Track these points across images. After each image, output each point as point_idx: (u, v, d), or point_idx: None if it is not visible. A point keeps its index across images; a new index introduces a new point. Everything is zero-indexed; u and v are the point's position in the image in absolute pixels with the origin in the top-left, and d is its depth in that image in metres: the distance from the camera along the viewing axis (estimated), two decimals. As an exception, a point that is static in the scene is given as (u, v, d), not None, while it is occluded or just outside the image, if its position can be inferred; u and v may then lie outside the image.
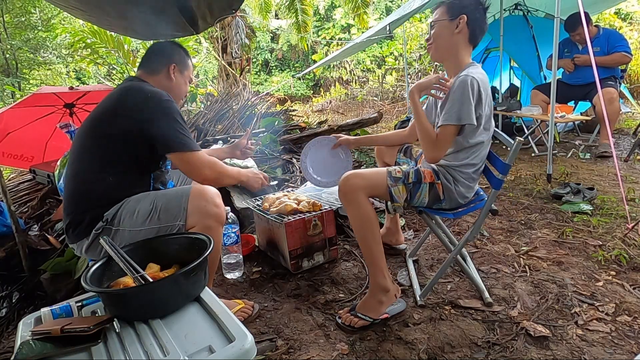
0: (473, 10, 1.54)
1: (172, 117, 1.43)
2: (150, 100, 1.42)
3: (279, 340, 1.49)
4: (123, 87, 1.51)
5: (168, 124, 1.42)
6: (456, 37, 1.56)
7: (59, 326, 0.92)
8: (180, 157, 1.45)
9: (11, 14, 10.50)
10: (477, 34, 1.57)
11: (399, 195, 1.54)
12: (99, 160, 1.44)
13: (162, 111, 1.43)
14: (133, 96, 1.45)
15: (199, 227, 1.36)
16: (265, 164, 3.03)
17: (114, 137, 1.42)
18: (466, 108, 1.44)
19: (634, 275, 1.74)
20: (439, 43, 1.60)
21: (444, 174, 1.57)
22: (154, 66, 1.61)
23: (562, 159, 3.65)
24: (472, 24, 1.55)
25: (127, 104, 1.43)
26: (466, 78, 1.45)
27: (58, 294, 1.89)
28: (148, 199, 1.42)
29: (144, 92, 1.44)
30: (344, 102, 10.28)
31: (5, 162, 3.21)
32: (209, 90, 6.45)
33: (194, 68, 1.77)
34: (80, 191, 1.46)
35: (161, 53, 1.63)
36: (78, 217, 1.42)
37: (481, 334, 1.45)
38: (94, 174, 1.44)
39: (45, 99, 2.72)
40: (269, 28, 14.17)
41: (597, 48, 3.68)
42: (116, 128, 1.42)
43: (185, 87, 1.70)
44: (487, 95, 1.50)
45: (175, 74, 1.62)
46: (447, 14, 1.56)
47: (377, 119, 4.34)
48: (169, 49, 1.65)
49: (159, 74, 1.60)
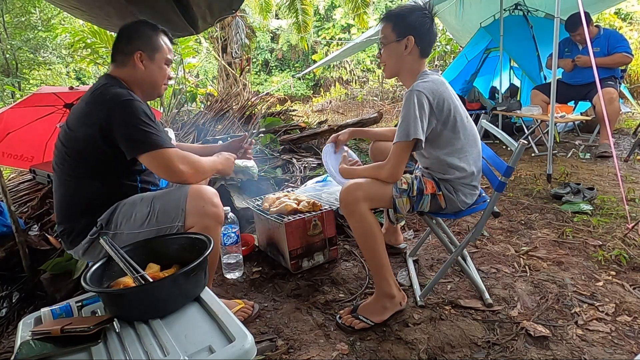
0: (419, 26, 1.51)
1: (133, 116, 1.31)
2: (107, 104, 1.33)
3: (279, 340, 1.49)
4: (88, 93, 1.43)
5: (128, 125, 1.31)
6: (407, 58, 1.54)
7: (59, 326, 0.92)
8: (149, 158, 1.33)
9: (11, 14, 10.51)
10: (428, 49, 1.55)
11: (403, 207, 1.53)
12: (78, 169, 1.39)
13: (120, 113, 1.32)
14: (93, 102, 1.37)
15: (197, 227, 1.35)
16: (265, 164, 3.03)
17: (83, 146, 1.36)
18: (412, 123, 1.41)
19: (634, 275, 1.74)
20: (390, 65, 1.59)
21: (445, 186, 1.56)
22: (120, 57, 1.46)
23: (562, 159, 3.65)
24: (421, 42, 1.52)
25: (88, 112, 1.36)
26: (409, 94, 1.44)
27: (58, 294, 1.89)
28: (144, 202, 1.39)
29: (102, 96, 1.35)
30: (344, 102, 10.28)
31: (5, 162, 3.21)
32: (209, 90, 6.45)
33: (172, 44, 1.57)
34: (67, 200, 1.43)
35: (124, 40, 1.46)
36: (70, 225, 1.41)
37: (481, 334, 1.45)
38: (77, 182, 1.40)
39: (45, 99, 2.72)
40: (269, 28, 14.17)
41: (598, 48, 3.67)
42: (83, 138, 1.36)
43: (162, 72, 1.51)
44: (441, 101, 1.46)
45: (143, 61, 1.45)
46: (394, 34, 1.53)
47: (377, 119, 4.34)
48: (133, 33, 1.46)
49: (126, 65, 1.45)
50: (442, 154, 1.53)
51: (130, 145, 1.33)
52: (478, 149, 1.61)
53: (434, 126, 1.48)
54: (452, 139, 1.51)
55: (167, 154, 1.33)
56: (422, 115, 1.42)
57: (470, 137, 1.56)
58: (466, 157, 1.54)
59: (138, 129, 1.31)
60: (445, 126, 1.49)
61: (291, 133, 3.75)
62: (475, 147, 1.58)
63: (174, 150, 1.36)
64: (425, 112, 1.43)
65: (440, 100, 1.46)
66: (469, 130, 1.56)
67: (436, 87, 1.47)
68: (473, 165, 1.55)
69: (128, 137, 1.32)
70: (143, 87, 1.49)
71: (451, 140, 1.51)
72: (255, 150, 3.15)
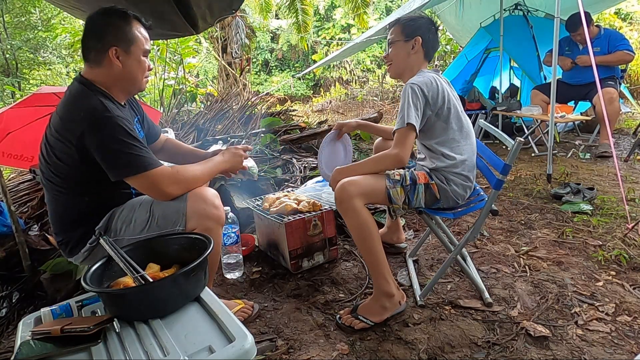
0: (426, 31, 1.65)
1: (112, 138, 1.22)
2: (83, 123, 1.22)
3: (279, 340, 1.49)
4: (61, 104, 1.32)
5: (108, 148, 1.22)
6: (412, 57, 1.67)
7: (59, 326, 0.92)
8: (135, 182, 1.27)
9: (11, 14, 10.51)
10: (432, 52, 1.69)
11: (397, 197, 1.55)
12: (66, 184, 1.32)
13: (98, 134, 1.21)
14: (68, 117, 1.27)
15: (199, 229, 1.34)
16: (265, 164, 3.03)
17: (64, 164, 1.28)
18: (407, 111, 1.51)
19: (634, 275, 1.74)
20: (396, 63, 1.71)
21: (436, 175, 1.61)
22: (92, 57, 1.32)
23: (562, 159, 3.65)
24: (426, 45, 1.66)
25: (63, 128, 1.26)
26: (405, 87, 1.55)
27: (58, 294, 1.88)
28: (143, 207, 1.36)
29: (77, 111, 1.25)
30: (344, 102, 10.28)
31: (5, 162, 3.21)
32: (209, 90, 6.45)
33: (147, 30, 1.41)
34: (61, 213, 1.38)
35: (94, 36, 1.32)
36: (67, 236, 1.39)
37: (481, 334, 1.45)
38: (68, 197, 1.35)
39: (45, 99, 2.72)
40: (269, 28, 14.18)
41: (598, 48, 3.68)
42: (62, 157, 1.27)
43: (141, 65, 1.37)
44: (435, 93, 1.55)
45: (119, 57, 1.31)
46: (403, 35, 1.67)
47: (377, 119, 4.34)
48: (101, 27, 1.31)
49: (101, 64, 1.32)
50: (433, 142, 1.62)
51: (113, 169, 1.25)
52: (471, 142, 1.66)
53: (428, 116, 1.57)
54: (445, 129, 1.60)
55: (154, 176, 1.26)
56: (416, 104, 1.52)
57: (463, 130, 1.63)
58: (458, 147, 1.61)
59: (119, 151, 1.23)
60: (439, 117, 1.59)
61: (291, 133, 3.76)
62: (468, 139, 1.65)
63: (160, 170, 1.28)
64: (420, 102, 1.53)
65: (434, 92, 1.56)
66: (463, 123, 1.64)
67: (430, 80, 1.56)
68: (465, 154, 1.61)
69: (110, 161, 1.24)
70: (122, 85, 1.38)
71: (443, 131, 1.60)
72: (255, 150, 3.15)
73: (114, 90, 1.37)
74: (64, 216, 1.39)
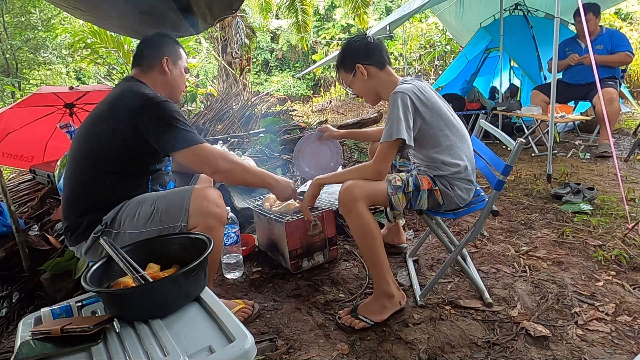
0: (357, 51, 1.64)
1: (170, 117, 1.38)
2: (144, 104, 1.38)
3: (279, 340, 1.49)
4: (118, 90, 1.48)
5: (167, 125, 1.37)
6: (370, 80, 1.66)
7: (59, 326, 0.92)
8: (187, 153, 1.39)
9: (11, 14, 10.52)
10: (380, 59, 1.65)
11: (399, 203, 1.54)
12: (95, 164, 1.42)
13: (158, 114, 1.38)
14: (128, 100, 1.41)
15: (200, 227, 1.36)
16: (265, 164, 3.03)
17: (109, 141, 1.39)
18: (396, 124, 1.45)
19: (634, 275, 1.74)
20: (365, 94, 1.72)
21: (440, 181, 1.58)
22: (146, 62, 1.56)
23: (562, 159, 3.65)
24: (369, 60, 1.64)
25: (122, 108, 1.40)
26: (394, 96, 1.50)
27: (58, 294, 1.89)
28: (149, 201, 1.41)
29: (138, 96, 1.40)
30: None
31: (5, 162, 3.21)
32: (209, 90, 6.45)
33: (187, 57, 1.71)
34: (77, 195, 1.44)
35: (151, 47, 1.58)
36: (76, 221, 1.42)
37: (481, 334, 1.45)
38: (90, 177, 1.42)
39: (45, 99, 2.72)
40: (269, 28, 14.17)
41: (601, 46, 3.68)
42: (112, 132, 1.39)
43: (182, 78, 1.64)
44: (424, 100, 1.51)
45: (169, 66, 1.57)
46: (347, 73, 1.68)
47: (377, 119, 4.34)
48: (159, 42, 1.59)
49: (152, 70, 1.56)
50: (432, 152, 1.57)
51: (168, 144, 1.38)
52: (468, 144, 1.64)
53: (420, 125, 1.52)
54: (439, 137, 1.55)
55: (205, 149, 1.40)
56: (406, 115, 1.47)
57: (458, 133, 1.59)
58: (457, 154, 1.57)
59: (176, 128, 1.37)
60: (431, 125, 1.53)
61: (291, 133, 3.76)
62: (465, 142, 1.62)
63: (211, 146, 1.43)
64: (410, 112, 1.48)
65: (423, 99, 1.51)
66: (457, 127, 1.60)
67: (418, 88, 1.53)
68: (466, 161, 1.58)
69: (167, 136, 1.37)
70: (167, 91, 1.57)
71: (438, 139, 1.55)
72: (255, 150, 3.15)
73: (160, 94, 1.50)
74: (80, 197, 1.44)
